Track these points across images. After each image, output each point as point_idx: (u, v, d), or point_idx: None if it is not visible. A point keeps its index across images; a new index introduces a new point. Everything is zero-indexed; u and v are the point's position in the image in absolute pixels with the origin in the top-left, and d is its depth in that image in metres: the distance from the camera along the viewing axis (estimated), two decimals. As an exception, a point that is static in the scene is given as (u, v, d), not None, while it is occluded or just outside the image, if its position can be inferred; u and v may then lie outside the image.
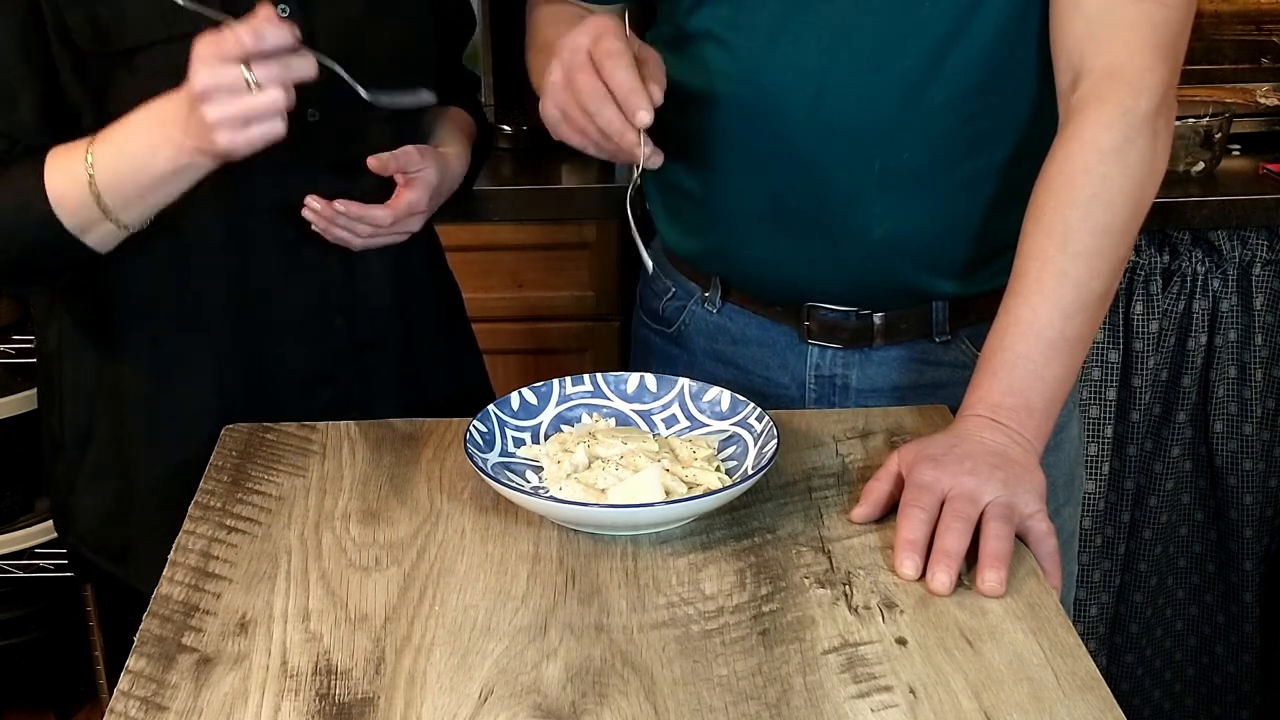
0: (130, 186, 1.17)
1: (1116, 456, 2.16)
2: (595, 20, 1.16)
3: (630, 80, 1.13)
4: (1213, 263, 2.06)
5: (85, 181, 1.16)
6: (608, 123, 1.14)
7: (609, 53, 1.13)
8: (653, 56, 1.19)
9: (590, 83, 1.14)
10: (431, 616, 1.00)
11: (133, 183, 1.16)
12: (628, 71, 1.13)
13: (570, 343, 2.15)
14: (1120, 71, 1.16)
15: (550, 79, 1.17)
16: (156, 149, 1.14)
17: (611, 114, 1.14)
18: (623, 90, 1.13)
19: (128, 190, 1.17)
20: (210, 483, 1.19)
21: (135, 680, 0.93)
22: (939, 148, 1.26)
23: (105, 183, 1.16)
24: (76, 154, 1.17)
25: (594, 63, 1.14)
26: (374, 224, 1.28)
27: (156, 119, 1.14)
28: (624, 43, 1.14)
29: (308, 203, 1.26)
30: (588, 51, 1.14)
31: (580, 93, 1.14)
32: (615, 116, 1.14)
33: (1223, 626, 2.28)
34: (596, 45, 1.14)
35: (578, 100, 1.15)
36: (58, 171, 1.18)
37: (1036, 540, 1.07)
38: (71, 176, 1.17)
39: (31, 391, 2.11)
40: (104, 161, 1.16)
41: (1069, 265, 1.13)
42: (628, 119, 1.13)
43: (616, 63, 1.13)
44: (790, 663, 0.94)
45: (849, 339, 1.37)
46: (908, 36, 1.21)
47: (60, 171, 1.18)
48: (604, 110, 1.14)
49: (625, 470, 1.14)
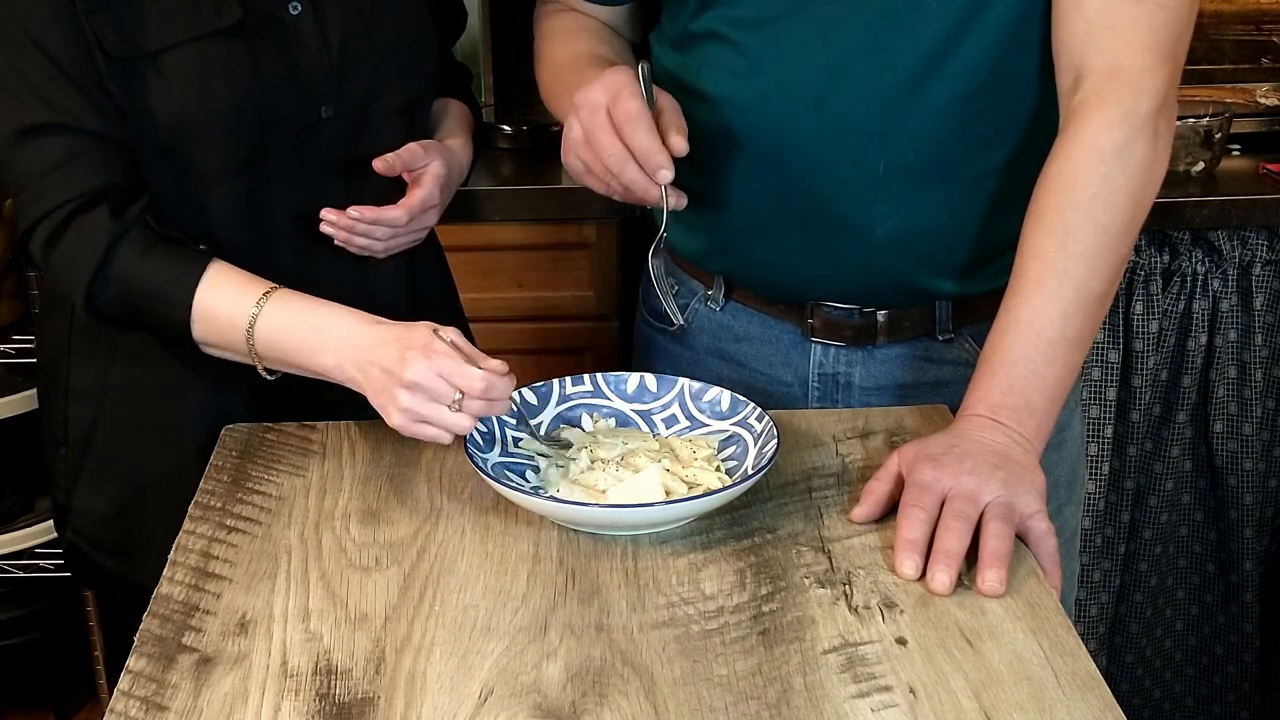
0: (278, 356, 1.20)
1: (1116, 456, 2.16)
2: (611, 76, 1.19)
3: (650, 142, 1.16)
4: (1213, 263, 2.06)
5: (246, 324, 1.19)
6: (631, 181, 1.18)
7: (628, 115, 1.16)
8: (669, 104, 1.22)
9: (611, 144, 1.17)
10: (431, 616, 1.00)
11: (281, 357, 1.20)
12: (647, 135, 1.16)
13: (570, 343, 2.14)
14: (1121, 72, 1.16)
15: (571, 135, 1.21)
16: (322, 355, 1.17)
17: (634, 174, 1.18)
18: (642, 152, 1.16)
19: (276, 355, 1.20)
20: (210, 483, 1.19)
21: (135, 680, 0.93)
22: (942, 147, 1.25)
23: (262, 340, 1.19)
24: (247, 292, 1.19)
25: (613, 124, 1.17)
26: (391, 225, 1.29)
27: (339, 335, 1.16)
28: (640, 102, 1.17)
29: (324, 216, 1.27)
30: (606, 110, 1.17)
31: (602, 153, 1.18)
32: (638, 176, 1.18)
33: (1223, 626, 2.28)
34: (615, 106, 1.17)
35: (600, 160, 1.18)
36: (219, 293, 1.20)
37: (1036, 540, 1.07)
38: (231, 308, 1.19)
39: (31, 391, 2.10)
40: (269, 323, 1.18)
41: (1069, 265, 1.13)
42: (650, 177, 1.17)
43: (635, 126, 1.16)
44: (790, 662, 0.94)
45: (852, 337, 1.37)
46: (911, 37, 1.21)
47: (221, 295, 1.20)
48: (626, 170, 1.18)
49: (625, 470, 1.14)
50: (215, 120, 1.24)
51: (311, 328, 1.17)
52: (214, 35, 1.22)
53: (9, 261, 2.12)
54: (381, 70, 1.32)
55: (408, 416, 1.11)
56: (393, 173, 1.30)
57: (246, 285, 1.20)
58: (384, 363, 1.12)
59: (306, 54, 1.27)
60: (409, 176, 1.32)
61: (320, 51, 1.28)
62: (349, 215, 1.27)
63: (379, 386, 1.13)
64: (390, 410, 1.12)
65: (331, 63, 1.28)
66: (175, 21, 1.21)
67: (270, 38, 1.25)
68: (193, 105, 1.23)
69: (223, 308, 1.19)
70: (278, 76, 1.25)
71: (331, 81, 1.29)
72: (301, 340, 1.18)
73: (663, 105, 1.21)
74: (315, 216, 1.28)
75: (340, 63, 1.29)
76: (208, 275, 1.20)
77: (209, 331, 1.21)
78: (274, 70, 1.25)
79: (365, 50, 1.31)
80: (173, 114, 1.23)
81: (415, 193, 1.31)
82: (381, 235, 1.30)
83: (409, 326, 1.14)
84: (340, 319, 1.17)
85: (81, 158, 1.20)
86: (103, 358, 1.35)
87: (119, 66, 1.20)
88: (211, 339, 1.22)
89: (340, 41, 1.29)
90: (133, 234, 1.20)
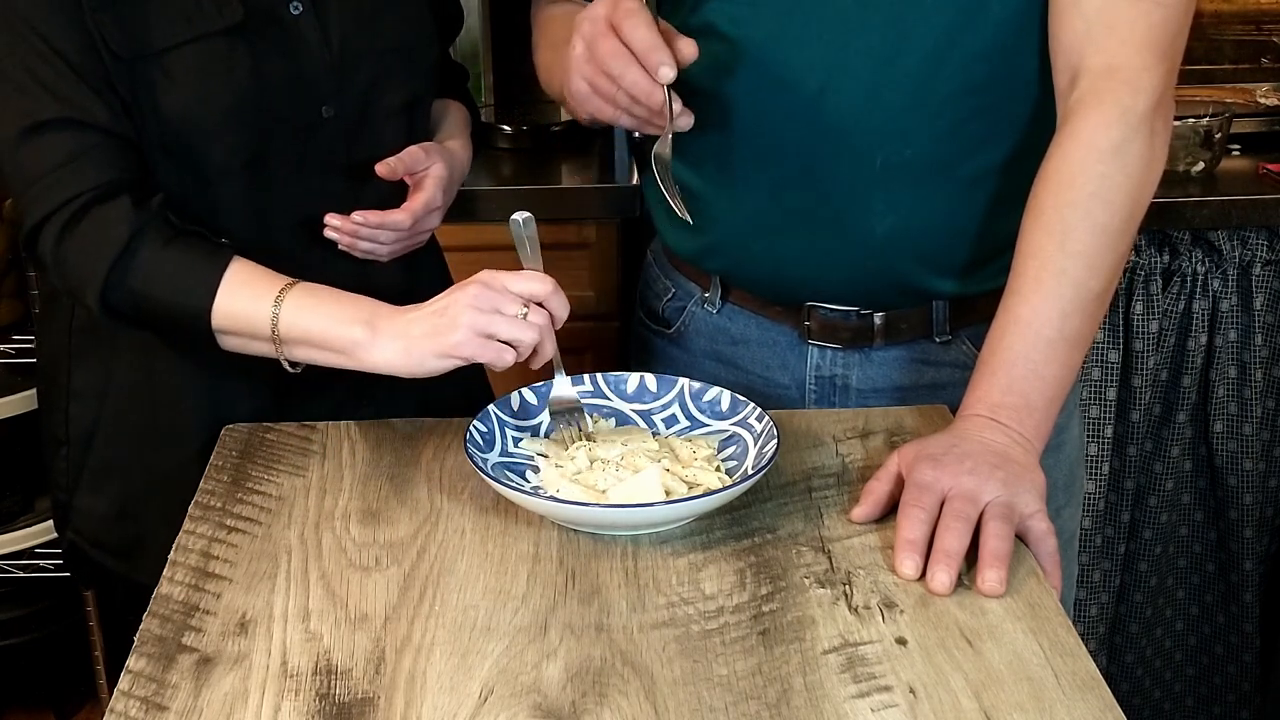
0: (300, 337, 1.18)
1: (1116, 456, 2.16)
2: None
3: (650, 37, 1.13)
4: (1213, 263, 2.06)
5: (270, 306, 1.17)
6: (633, 84, 1.14)
7: (627, 12, 1.13)
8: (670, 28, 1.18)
9: (612, 46, 1.14)
10: (431, 616, 1.00)
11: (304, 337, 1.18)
12: (647, 29, 1.13)
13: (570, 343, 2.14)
14: (1118, 71, 1.16)
15: (574, 53, 1.17)
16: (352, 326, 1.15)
17: (636, 74, 1.13)
18: (643, 48, 1.13)
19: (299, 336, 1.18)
20: (210, 483, 1.19)
21: (135, 680, 0.93)
22: (941, 145, 1.26)
23: (287, 321, 1.17)
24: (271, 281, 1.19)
25: (613, 27, 1.14)
26: (395, 228, 1.29)
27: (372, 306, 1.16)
28: (641, 3, 1.14)
29: (328, 221, 1.27)
30: (607, 19, 1.14)
31: (603, 59, 1.14)
32: (640, 77, 1.13)
33: (1223, 626, 2.28)
34: (615, 9, 1.14)
35: (601, 67, 1.15)
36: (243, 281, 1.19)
37: (1036, 540, 1.07)
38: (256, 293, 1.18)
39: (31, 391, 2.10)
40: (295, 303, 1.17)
41: (1068, 264, 1.13)
42: (652, 76, 1.13)
43: (635, 21, 1.13)
44: (790, 662, 0.94)
45: (849, 339, 1.37)
46: (911, 34, 1.21)
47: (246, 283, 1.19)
48: (628, 72, 1.14)
49: (625, 471, 1.14)
50: (218, 120, 1.24)
51: (342, 301, 1.17)
52: (216, 35, 1.22)
53: (9, 261, 2.12)
54: (381, 69, 1.32)
55: (474, 332, 1.10)
56: (395, 177, 1.30)
57: (270, 275, 1.19)
58: (434, 306, 1.12)
59: (308, 53, 1.27)
60: (411, 179, 1.32)
61: (321, 51, 1.28)
62: (353, 220, 1.27)
63: (430, 327, 1.12)
64: (451, 335, 1.10)
65: (332, 62, 1.29)
66: (178, 21, 1.21)
67: (272, 37, 1.25)
68: (196, 104, 1.23)
69: (247, 294, 1.18)
70: (279, 76, 1.26)
71: (332, 81, 1.29)
72: (331, 313, 1.16)
73: (665, 25, 1.17)
74: (316, 216, 1.28)
75: (341, 62, 1.29)
76: (232, 266, 1.19)
77: (232, 320, 1.19)
78: (275, 70, 1.25)
79: (365, 49, 1.31)
80: (176, 113, 1.23)
81: (418, 196, 1.31)
82: (386, 239, 1.30)
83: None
84: (369, 298, 1.17)
85: (93, 152, 1.19)
86: (104, 357, 1.35)
87: (124, 66, 1.20)
88: (233, 327, 1.19)
89: (340, 41, 1.29)
90: (156, 224, 1.19)
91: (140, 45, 1.20)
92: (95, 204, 1.19)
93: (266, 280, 1.19)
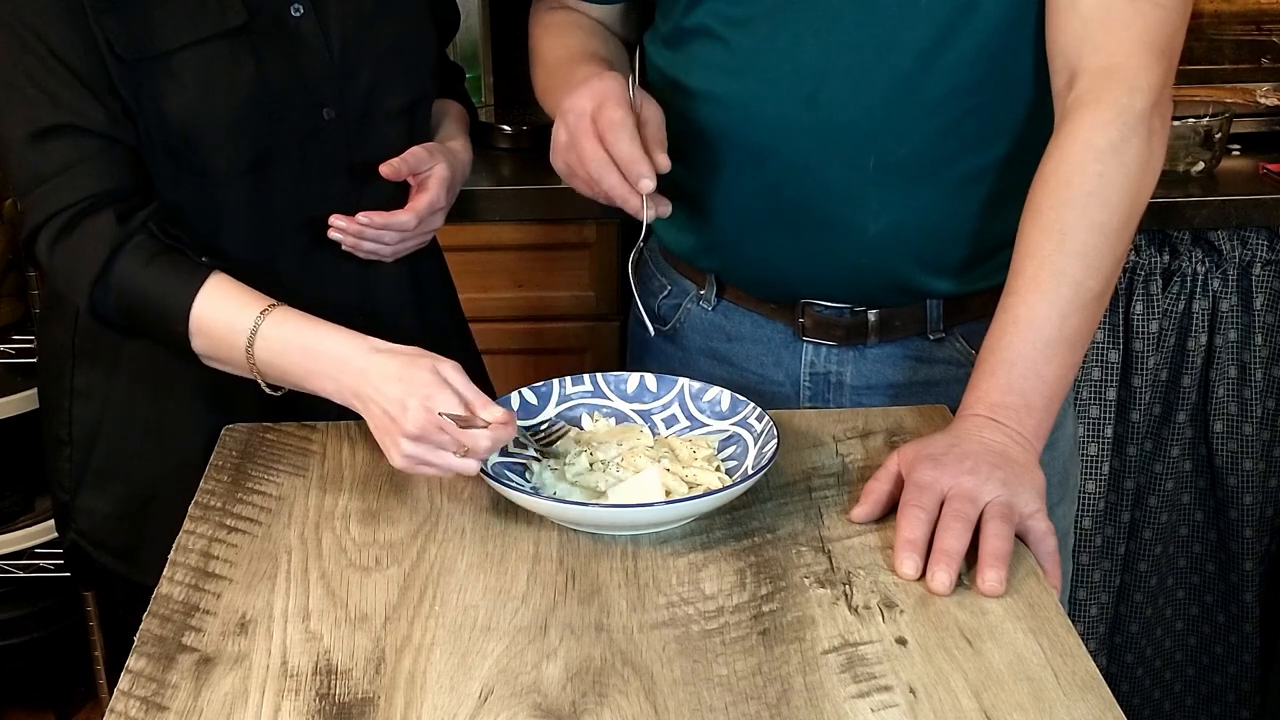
0: (278, 375, 1.18)
1: (1116, 456, 2.16)
2: (599, 83, 1.19)
3: (632, 151, 1.17)
4: (1213, 263, 2.06)
5: (244, 341, 1.17)
6: (611, 188, 1.19)
7: (611, 124, 1.17)
8: (654, 116, 1.22)
9: (594, 150, 1.18)
10: (431, 616, 1.00)
11: (281, 377, 1.18)
12: (630, 144, 1.17)
13: (570, 343, 2.14)
14: (1116, 70, 1.16)
15: (557, 139, 1.22)
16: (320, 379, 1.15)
17: (615, 180, 1.18)
18: (625, 160, 1.17)
19: (276, 375, 1.18)
20: (210, 483, 1.19)
21: (135, 680, 0.93)
22: (935, 145, 1.26)
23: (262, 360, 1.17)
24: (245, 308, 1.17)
25: (597, 131, 1.18)
26: (400, 228, 1.29)
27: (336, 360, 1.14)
28: (625, 110, 1.18)
29: (332, 222, 1.27)
30: (591, 117, 1.18)
31: (584, 159, 1.19)
32: (619, 183, 1.18)
33: (1223, 626, 2.27)
34: (600, 113, 1.18)
35: (583, 164, 1.19)
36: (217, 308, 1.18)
37: (1036, 540, 1.07)
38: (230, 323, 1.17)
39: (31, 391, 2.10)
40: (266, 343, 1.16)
41: (1066, 264, 1.13)
42: (631, 185, 1.17)
43: (618, 135, 1.17)
44: (790, 662, 0.94)
45: (844, 336, 1.37)
46: (904, 33, 1.21)
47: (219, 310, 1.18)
48: (607, 177, 1.18)
49: (625, 471, 1.14)
50: (221, 122, 1.24)
51: (306, 350, 1.15)
52: (219, 37, 1.22)
53: (9, 261, 2.12)
54: (382, 71, 1.32)
55: (411, 462, 1.10)
56: (398, 177, 1.30)
57: (244, 301, 1.18)
58: (385, 404, 1.10)
59: (309, 56, 1.27)
60: (413, 180, 1.32)
61: (322, 53, 1.28)
62: (358, 221, 1.27)
63: (380, 425, 1.11)
64: (392, 453, 1.11)
65: (333, 64, 1.29)
66: (181, 23, 1.21)
67: (274, 40, 1.25)
68: (200, 107, 1.23)
69: (221, 322, 1.18)
70: (282, 78, 1.26)
71: (333, 83, 1.29)
72: (298, 363, 1.16)
73: (647, 117, 1.21)
74: (319, 218, 1.28)
75: (342, 64, 1.29)
76: (206, 288, 1.18)
77: (209, 346, 1.19)
78: (278, 72, 1.25)
79: (366, 51, 1.31)
80: (180, 116, 1.23)
81: (422, 196, 1.31)
82: (390, 240, 1.30)
83: (410, 361, 1.11)
84: (337, 343, 1.15)
85: (90, 160, 1.20)
86: (107, 358, 1.35)
87: (128, 68, 1.20)
88: (212, 353, 1.20)
89: (341, 43, 1.29)
90: (136, 240, 1.19)
91: (143, 48, 1.21)
92: (83, 216, 1.19)
93: (240, 309, 1.17)
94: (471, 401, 1.10)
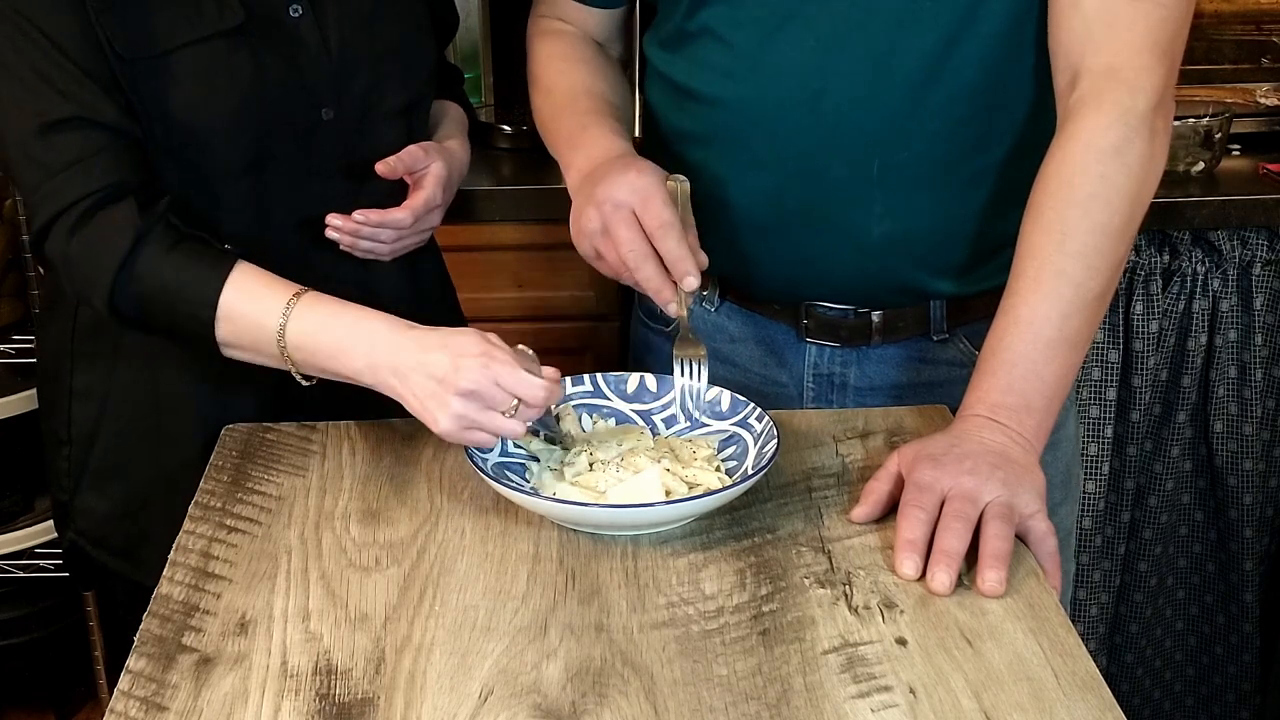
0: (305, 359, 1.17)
1: (1116, 456, 2.16)
2: (639, 179, 1.20)
3: (679, 249, 1.18)
4: (1213, 263, 2.06)
5: (276, 327, 1.16)
6: (647, 279, 1.19)
7: (661, 223, 1.18)
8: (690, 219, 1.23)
9: (633, 241, 1.18)
10: (431, 616, 1.00)
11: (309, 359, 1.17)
12: (678, 243, 1.18)
13: (570, 343, 2.14)
14: (1118, 71, 1.16)
15: (587, 226, 1.21)
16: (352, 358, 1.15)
17: (652, 272, 1.19)
18: (672, 258, 1.18)
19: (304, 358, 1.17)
20: (210, 483, 1.19)
21: (135, 680, 0.93)
22: (939, 147, 1.26)
23: (293, 344, 1.17)
24: (275, 294, 1.17)
25: (643, 227, 1.18)
26: (396, 227, 1.29)
27: (372, 338, 1.14)
28: (672, 211, 1.19)
29: (329, 221, 1.27)
30: (632, 210, 1.18)
31: (622, 247, 1.19)
32: (655, 274, 1.19)
33: (1223, 626, 2.28)
34: (645, 211, 1.18)
35: (618, 251, 1.19)
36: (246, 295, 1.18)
37: (1036, 540, 1.07)
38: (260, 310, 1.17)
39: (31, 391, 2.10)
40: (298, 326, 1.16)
41: (1067, 265, 1.13)
42: (675, 280, 1.19)
43: (667, 233, 1.18)
44: (790, 663, 0.94)
45: (847, 337, 1.37)
46: (909, 36, 1.21)
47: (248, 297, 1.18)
48: (644, 267, 1.19)
49: (625, 471, 1.14)
50: (219, 122, 1.24)
51: (346, 330, 1.15)
52: (217, 37, 1.22)
53: (9, 261, 2.12)
54: (380, 72, 1.32)
55: (459, 423, 1.09)
56: (394, 176, 1.30)
57: (273, 287, 1.18)
58: (433, 369, 1.09)
59: (307, 56, 1.28)
60: (410, 179, 1.33)
61: (320, 53, 1.28)
62: (354, 219, 1.27)
63: (425, 392, 1.10)
64: (439, 416, 1.09)
65: (331, 65, 1.29)
66: (179, 23, 1.21)
67: (272, 40, 1.25)
68: (198, 106, 1.23)
69: (250, 310, 1.17)
70: (280, 78, 1.26)
71: (331, 83, 1.29)
72: (332, 341, 1.15)
73: (688, 220, 1.22)
74: (317, 218, 1.28)
75: (340, 65, 1.29)
76: (234, 276, 1.18)
77: (236, 333, 1.18)
78: (276, 72, 1.25)
79: (364, 52, 1.31)
80: (179, 115, 1.23)
81: (418, 194, 1.31)
82: (387, 238, 1.30)
83: (452, 332, 1.12)
84: (373, 322, 1.15)
85: (102, 152, 1.19)
86: (106, 357, 1.35)
87: (128, 67, 1.20)
88: (237, 341, 1.19)
89: (339, 43, 1.29)
90: (159, 229, 1.19)
91: (142, 47, 1.21)
92: (102, 206, 1.18)
93: (270, 295, 1.17)
94: (529, 364, 1.11)
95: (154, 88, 1.22)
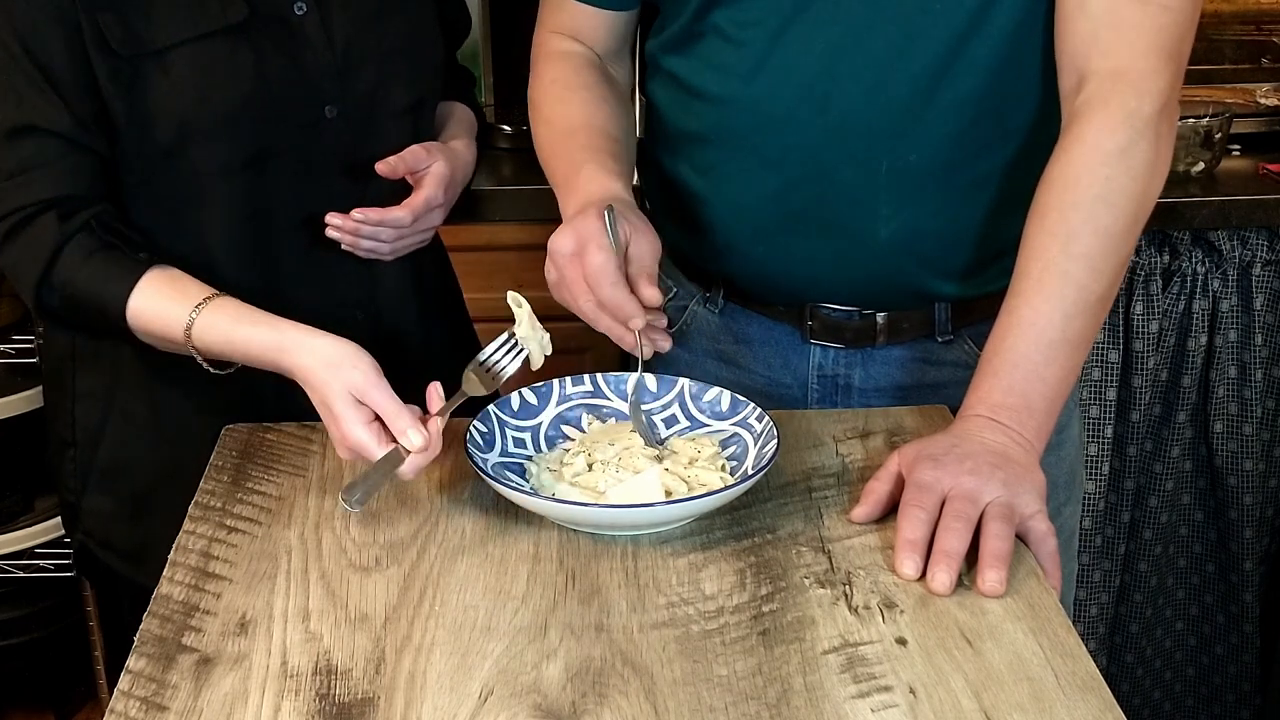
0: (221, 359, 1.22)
1: (1116, 456, 2.16)
2: (581, 223, 1.19)
3: (616, 295, 1.17)
4: (1213, 263, 2.06)
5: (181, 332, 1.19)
6: (608, 330, 1.20)
7: (593, 270, 1.17)
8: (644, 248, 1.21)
9: (584, 294, 1.19)
10: (431, 616, 1.00)
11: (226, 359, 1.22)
12: (613, 288, 1.17)
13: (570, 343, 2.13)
14: (1124, 74, 1.16)
15: (549, 276, 1.22)
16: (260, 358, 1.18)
17: (608, 323, 1.19)
18: (613, 305, 1.17)
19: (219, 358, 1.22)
20: (210, 483, 1.19)
21: (135, 680, 0.93)
22: (946, 149, 1.25)
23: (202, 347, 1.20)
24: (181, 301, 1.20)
25: (583, 274, 1.18)
26: (396, 225, 1.29)
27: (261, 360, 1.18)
28: (606, 253, 1.17)
29: (329, 220, 1.27)
30: (575, 260, 1.18)
31: (576, 300, 1.19)
32: (612, 324, 1.19)
33: (1223, 626, 2.28)
34: (583, 257, 1.17)
35: (575, 304, 1.20)
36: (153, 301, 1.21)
37: (1037, 540, 1.07)
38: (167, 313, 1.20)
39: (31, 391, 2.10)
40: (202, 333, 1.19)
41: (1071, 266, 1.13)
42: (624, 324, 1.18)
43: (599, 281, 1.17)
44: (790, 663, 0.94)
45: (852, 339, 1.37)
46: (917, 39, 1.21)
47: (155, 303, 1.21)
48: (600, 320, 1.19)
49: (625, 471, 1.14)
50: (220, 118, 1.24)
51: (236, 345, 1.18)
52: (220, 33, 1.22)
53: (9, 261, 2.12)
54: (386, 70, 1.32)
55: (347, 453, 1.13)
56: (395, 175, 1.30)
57: (180, 295, 1.20)
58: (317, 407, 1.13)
59: (311, 53, 1.27)
60: (412, 178, 1.32)
61: (324, 51, 1.28)
62: (354, 218, 1.27)
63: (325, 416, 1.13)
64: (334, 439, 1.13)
65: (335, 62, 1.29)
66: (182, 19, 1.21)
67: (275, 37, 1.25)
68: (198, 103, 1.23)
69: (158, 316, 1.20)
70: (282, 75, 1.26)
71: (335, 81, 1.29)
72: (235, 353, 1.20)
73: (635, 251, 1.20)
74: (319, 216, 1.28)
75: (344, 63, 1.29)
76: (141, 284, 1.20)
77: (151, 339, 1.23)
78: (279, 69, 1.25)
79: (369, 50, 1.31)
80: (178, 112, 1.23)
81: (419, 193, 1.31)
82: (387, 237, 1.30)
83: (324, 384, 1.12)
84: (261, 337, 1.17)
85: (48, 165, 1.21)
86: (109, 359, 1.35)
87: (124, 64, 1.20)
88: (157, 345, 1.24)
89: (344, 41, 1.29)
90: (77, 240, 1.22)
91: (142, 43, 1.21)
92: (32, 218, 1.22)
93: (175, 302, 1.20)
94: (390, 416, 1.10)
95: (151, 85, 1.22)
